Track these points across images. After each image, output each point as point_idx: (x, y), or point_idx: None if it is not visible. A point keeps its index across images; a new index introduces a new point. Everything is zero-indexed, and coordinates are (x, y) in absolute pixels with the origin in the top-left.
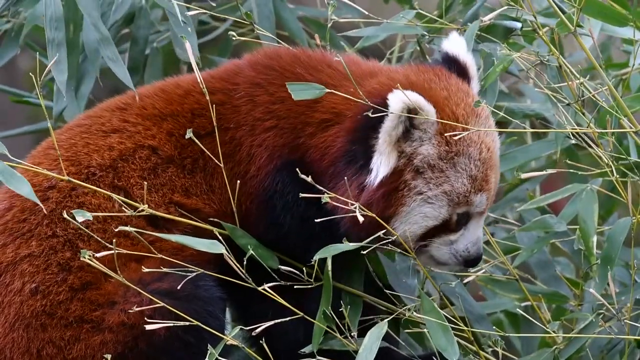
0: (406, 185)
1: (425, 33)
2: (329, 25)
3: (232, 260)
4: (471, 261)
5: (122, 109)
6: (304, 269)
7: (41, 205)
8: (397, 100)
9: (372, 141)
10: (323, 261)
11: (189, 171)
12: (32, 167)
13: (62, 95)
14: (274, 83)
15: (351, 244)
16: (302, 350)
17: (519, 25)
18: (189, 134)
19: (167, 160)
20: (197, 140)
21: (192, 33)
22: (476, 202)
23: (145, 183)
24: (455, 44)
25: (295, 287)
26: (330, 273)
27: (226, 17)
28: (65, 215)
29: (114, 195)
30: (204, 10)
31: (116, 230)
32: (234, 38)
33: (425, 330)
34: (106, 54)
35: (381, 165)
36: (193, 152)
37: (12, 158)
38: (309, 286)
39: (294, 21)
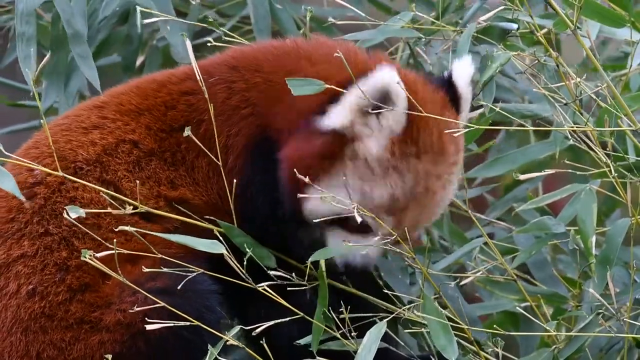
0: (341, 160)
1: (422, 36)
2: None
3: (232, 260)
4: (347, 267)
5: (99, 107)
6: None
7: (23, 198)
8: (383, 76)
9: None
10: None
11: (171, 164)
12: (26, 162)
13: (32, 90)
14: (249, 68)
15: (348, 245)
16: (298, 342)
17: (515, 26)
18: (187, 131)
19: (149, 153)
20: (194, 138)
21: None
22: (383, 222)
23: (138, 182)
24: (463, 71)
25: (288, 288)
26: (324, 273)
27: (221, 24)
28: (65, 215)
29: (104, 191)
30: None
31: (115, 228)
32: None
33: (422, 329)
34: (76, 51)
35: (337, 115)
36: (170, 146)
37: (4, 152)
38: (303, 288)
39: (290, 21)
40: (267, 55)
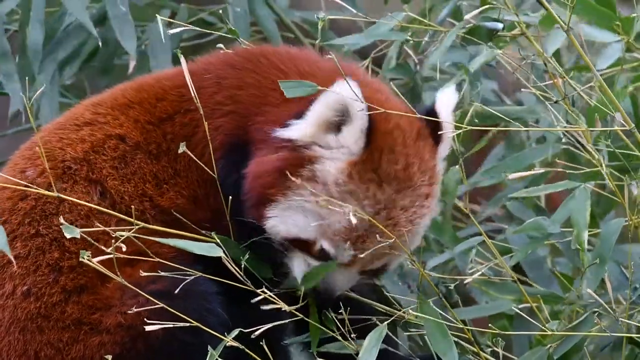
0: (299, 178)
1: (409, 38)
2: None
3: (230, 264)
4: (317, 292)
5: (95, 104)
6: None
7: (11, 257)
8: (340, 90)
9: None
10: None
11: (155, 156)
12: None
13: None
14: (247, 68)
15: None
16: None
17: (500, 26)
18: (182, 147)
19: (135, 147)
20: (189, 152)
21: (131, 25)
22: (343, 249)
23: (133, 207)
24: (445, 101)
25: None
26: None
27: (219, 29)
28: (61, 219)
29: (110, 212)
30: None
31: (113, 232)
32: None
33: (419, 332)
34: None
35: (297, 128)
36: (157, 137)
37: None
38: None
39: (270, 20)
40: (270, 57)
